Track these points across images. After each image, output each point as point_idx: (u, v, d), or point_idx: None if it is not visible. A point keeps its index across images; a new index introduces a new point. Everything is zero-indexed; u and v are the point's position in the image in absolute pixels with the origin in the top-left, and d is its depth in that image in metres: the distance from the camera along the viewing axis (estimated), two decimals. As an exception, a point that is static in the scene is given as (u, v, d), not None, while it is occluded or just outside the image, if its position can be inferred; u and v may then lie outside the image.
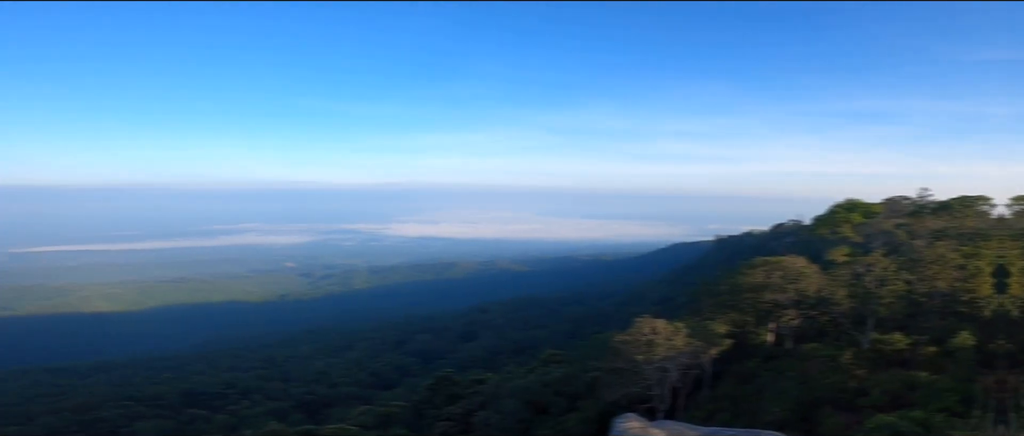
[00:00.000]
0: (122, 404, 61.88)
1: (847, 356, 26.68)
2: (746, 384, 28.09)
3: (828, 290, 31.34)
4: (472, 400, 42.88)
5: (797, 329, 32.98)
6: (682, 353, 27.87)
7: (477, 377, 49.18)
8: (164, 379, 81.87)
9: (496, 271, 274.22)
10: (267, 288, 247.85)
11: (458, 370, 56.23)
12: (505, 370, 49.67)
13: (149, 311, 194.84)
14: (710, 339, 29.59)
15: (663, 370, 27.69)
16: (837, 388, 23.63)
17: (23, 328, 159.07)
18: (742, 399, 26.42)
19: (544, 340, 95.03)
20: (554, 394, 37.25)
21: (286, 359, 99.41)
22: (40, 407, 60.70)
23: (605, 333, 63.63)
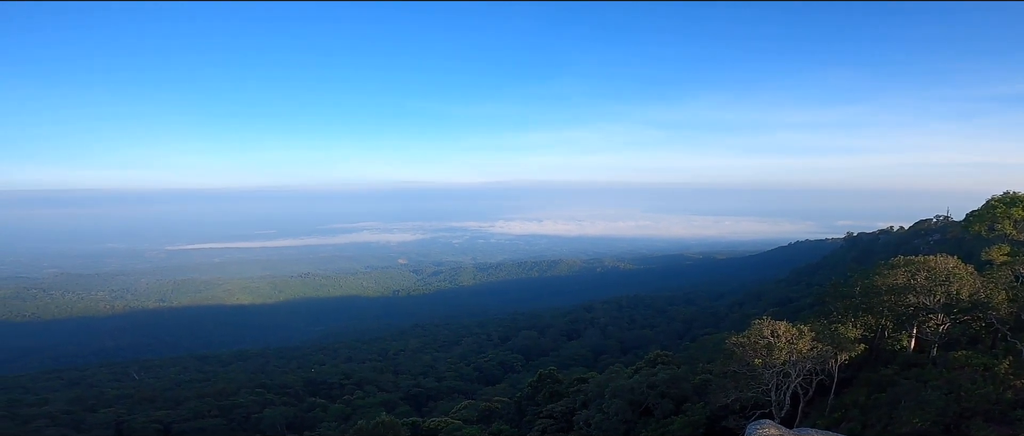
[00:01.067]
0: (255, 391, 67.96)
1: (1004, 365, 23.40)
2: (879, 392, 25.26)
3: (984, 293, 27.12)
4: (574, 398, 41.51)
5: (944, 335, 29.04)
6: (806, 358, 25.18)
7: (580, 376, 47.47)
8: (291, 369, 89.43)
9: (601, 269, 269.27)
10: (381, 284, 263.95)
11: (561, 368, 54.83)
12: (609, 369, 47.49)
13: (280, 304, 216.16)
14: (840, 344, 26.13)
15: (784, 375, 25.33)
16: (991, 399, 21.02)
17: (177, 318, 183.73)
18: (873, 408, 23.91)
19: (650, 340, 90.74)
20: (660, 396, 34.75)
21: (397, 352, 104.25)
22: (189, 392, 68.57)
23: (717, 334, 59.29)
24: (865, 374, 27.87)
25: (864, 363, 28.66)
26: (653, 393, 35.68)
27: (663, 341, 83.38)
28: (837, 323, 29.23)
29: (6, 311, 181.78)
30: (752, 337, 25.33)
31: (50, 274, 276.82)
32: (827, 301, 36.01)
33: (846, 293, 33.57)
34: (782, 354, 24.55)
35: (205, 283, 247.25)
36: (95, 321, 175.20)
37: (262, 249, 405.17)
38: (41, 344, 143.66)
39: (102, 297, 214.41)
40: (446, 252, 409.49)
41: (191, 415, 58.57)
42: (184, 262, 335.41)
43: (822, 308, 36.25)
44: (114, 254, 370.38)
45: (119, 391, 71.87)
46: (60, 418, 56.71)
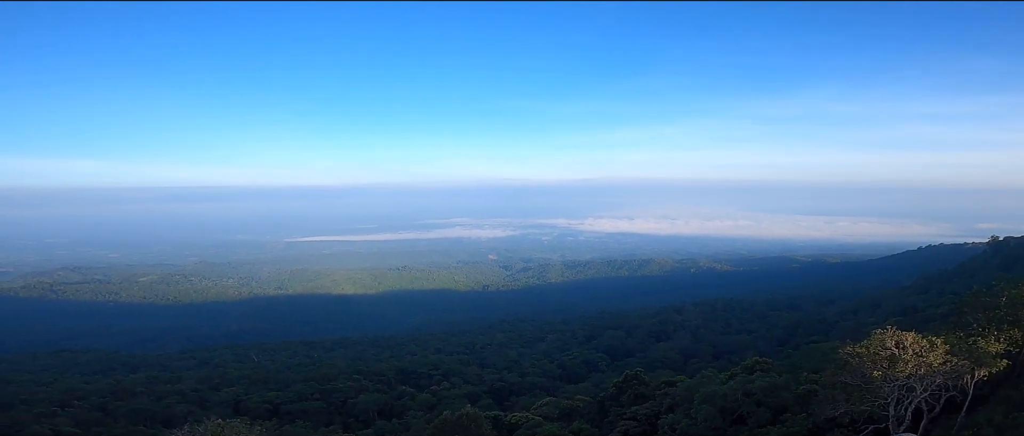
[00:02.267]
0: (353, 378, 72.00)
1: None
2: (1020, 411, 22.57)
3: None
4: (660, 402, 39.64)
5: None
6: (937, 372, 22.84)
7: (668, 378, 45.23)
8: (385, 357, 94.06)
9: (695, 270, 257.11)
10: (471, 278, 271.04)
11: (647, 369, 52.60)
12: (700, 374, 44.80)
13: (379, 295, 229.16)
14: (978, 358, 23.30)
15: (907, 389, 22.99)
16: None
17: (292, 305, 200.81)
18: (1010, 427, 21.51)
19: (748, 346, 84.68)
20: (755, 404, 32.11)
21: (484, 346, 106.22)
22: (295, 376, 74.18)
23: (825, 343, 54.20)
24: (1004, 392, 25.25)
25: (1004, 380, 25.74)
26: (748, 401, 33.19)
27: (761, 348, 77.37)
28: (976, 336, 25.99)
29: (153, 295, 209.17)
30: (872, 347, 23.35)
31: (190, 262, 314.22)
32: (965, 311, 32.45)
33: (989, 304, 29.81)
34: (907, 367, 22.47)
35: (316, 273, 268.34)
36: (224, 306, 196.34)
37: (365, 242, 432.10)
38: (179, 325, 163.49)
39: (231, 284, 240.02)
40: (535, 249, 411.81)
41: (296, 397, 63.30)
42: (299, 253, 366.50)
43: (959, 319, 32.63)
44: (242, 245, 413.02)
45: (240, 372, 79.24)
46: (189, 395, 63.50)
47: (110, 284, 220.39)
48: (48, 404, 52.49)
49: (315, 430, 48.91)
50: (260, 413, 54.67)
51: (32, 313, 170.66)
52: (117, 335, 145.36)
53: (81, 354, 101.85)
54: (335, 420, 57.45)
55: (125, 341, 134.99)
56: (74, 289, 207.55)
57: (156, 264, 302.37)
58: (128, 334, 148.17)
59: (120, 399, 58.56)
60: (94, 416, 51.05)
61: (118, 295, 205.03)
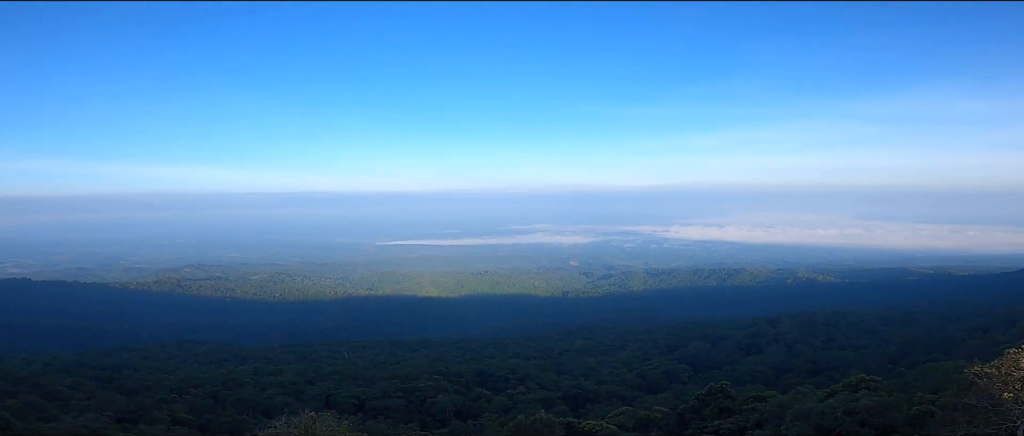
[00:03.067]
0: (433, 377, 73.92)
1: None
2: None
3: None
4: (747, 417, 36.98)
5: None
6: None
7: (756, 393, 42.22)
8: (465, 359, 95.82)
9: (793, 281, 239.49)
10: (552, 284, 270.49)
11: (734, 383, 49.44)
12: (795, 390, 41.37)
13: (461, 298, 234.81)
14: None
15: None
16: None
17: (381, 305, 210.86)
18: None
19: (852, 363, 76.99)
20: (859, 423, 29.06)
21: (562, 352, 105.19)
22: (381, 373, 77.47)
23: (947, 362, 49.10)
24: None
25: None
26: (850, 420, 30.04)
27: (869, 365, 69.86)
28: None
29: (262, 292, 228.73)
30: (1005, 367, 21.22)
31: (294, 263, 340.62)
32: None
33: None
34: (1046, 390, 19.80)
35: (403, 275, 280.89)
36: (322, 304, 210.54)
37: (449, 247, 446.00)
38: (283, 321, 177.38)
39: (328, 284, 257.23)
40: (617, 256, 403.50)
41: (380, 394, 66.05)
42: (389, 256, 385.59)
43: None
44: (339, 247, 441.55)
45: (333, 367, 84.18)
46: (288, 387, 68.31)
47: (227, 281, 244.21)
48: (168, 391, 58.54)
49: (395, 427, 50.61)
50: (347, 407, 57.47)
51: (162, 306, 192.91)
52: (231, 329, 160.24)
53: (200, 345, 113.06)
54: (414, 418, 59.20)
55: (238, 334, 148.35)
56: (198, 285, 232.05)
57: (266, 263, 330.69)
58: (241, 328, 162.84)
59: (229, 389, 64.06)
60: (206, 404, 56.16)
61: (234, 291, 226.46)
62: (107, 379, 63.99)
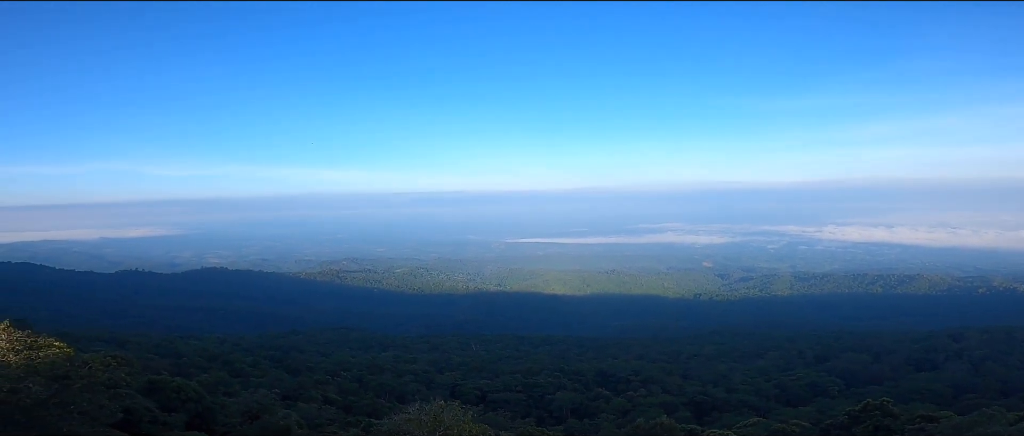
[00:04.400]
0: (553, 374, 75.16)
1: None
2: None
3: None
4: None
5: None
6: None
7: (926, 413, 36.79)
8: (586, 358, 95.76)
9: (986, 290, 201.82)
10: (682, 285, 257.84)
11: (897, 401, 43.58)
12: (978, 412, 35.20)
13: (586, 297, 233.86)
14: None
15: None
16: None
17: (508, 301, 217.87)
18: None
19: (1062, 388, 63.17)
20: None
21: (689, 357, 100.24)
22: (505, 367, 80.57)
23: None
24: None
25: None
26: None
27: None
28: None
29: (404, 285, 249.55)
30: None
31: (432, 258, 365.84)
32: None
33: None
34: None
35: (530, 273, 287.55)
36: (454, 298, 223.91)
37: (575, 245, 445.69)
38: (420, 313, 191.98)
39: (460, 279, 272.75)
40: (758, 257, 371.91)
41: (502, 387, 68.81)
42: (517, 253, 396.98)
43: None
44: (471, 244, 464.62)
45: (461, 359, 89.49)
46: (420, 375, 74.11)
47: (376, 274, 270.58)
48: (324, 373, 66.84)
49: (513, 420, 52.45)
50: (471, 398, 60.80)
51: (324, 295, 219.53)
52: (377, 318, 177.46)
53: (352, 331, 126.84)
54: (532, 413, 60.73)
55: (382, 323, 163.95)
56: (352, 276, 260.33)
57: (408, 258, 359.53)
58: (385, 317, 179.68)
59: (372, 373, 71.24)
60: (352, 386, 63.05)
61: (380, 283, 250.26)
62: (279, 359, 74.86)
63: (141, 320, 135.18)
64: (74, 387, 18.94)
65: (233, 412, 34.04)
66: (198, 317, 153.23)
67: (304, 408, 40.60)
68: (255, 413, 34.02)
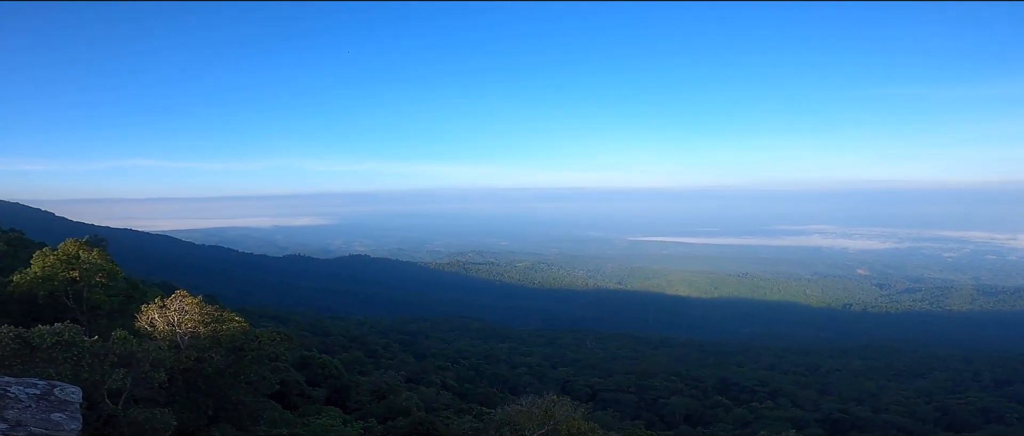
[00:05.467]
0: (669, 378, 73.13)
1: None
2: None
3: None
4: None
5: None
6: None
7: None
8: (708, 363, 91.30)
9: None
10: (829, 294, 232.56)
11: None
12: None
13: (713, 300, 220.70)
14: None
15: None
16: None
17: (628, 300, 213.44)
18: None
19: None
20: None
21: (831, 371, 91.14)
22: (619, 366, 79.88)
23: None
24: None
25: None
26: None
27: None
28: None
29: (525, 279, 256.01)
30: None
31: (552, 253, 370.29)
32: None
33: None
34: None
35: (653, 272, 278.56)
36: (573, 294, 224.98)
37: (704, 245, 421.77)
38: (538, 306, 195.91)
39: (579, 276, 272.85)
40: (930, 266, 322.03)
41: (614, 387, 68.62)
42: (640, 252, 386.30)
43: None
44: (591, 241, 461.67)
45: (575, 355, 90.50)
46: (534, 368, 76.55)
47: (498, 267, 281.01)
48: (445, 359, 71.96)
49: (622, 421, 52.32)
50: (581, 395, 61.59)
51: (450, 285, 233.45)
52: (498, 309, 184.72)
53: (474, 322, 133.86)
54: (642, 415, 59.83)
55: (502, 315, 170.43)
56: (476, 268, 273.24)
57: (530, 253, 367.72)
58: (506, 310, 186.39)
59: (488, 363, 75.20)
60: (469, 375, 67.21)
61: (502, 276, 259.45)
62: (407, 343, 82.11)
63: (300, 299, 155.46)
64: (246, 359, 21.61)
65: (364, 390, 38.54)
66: (344, 299, 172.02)
67: (424, 392, 44.48)
68: (383, 393, 38.22)
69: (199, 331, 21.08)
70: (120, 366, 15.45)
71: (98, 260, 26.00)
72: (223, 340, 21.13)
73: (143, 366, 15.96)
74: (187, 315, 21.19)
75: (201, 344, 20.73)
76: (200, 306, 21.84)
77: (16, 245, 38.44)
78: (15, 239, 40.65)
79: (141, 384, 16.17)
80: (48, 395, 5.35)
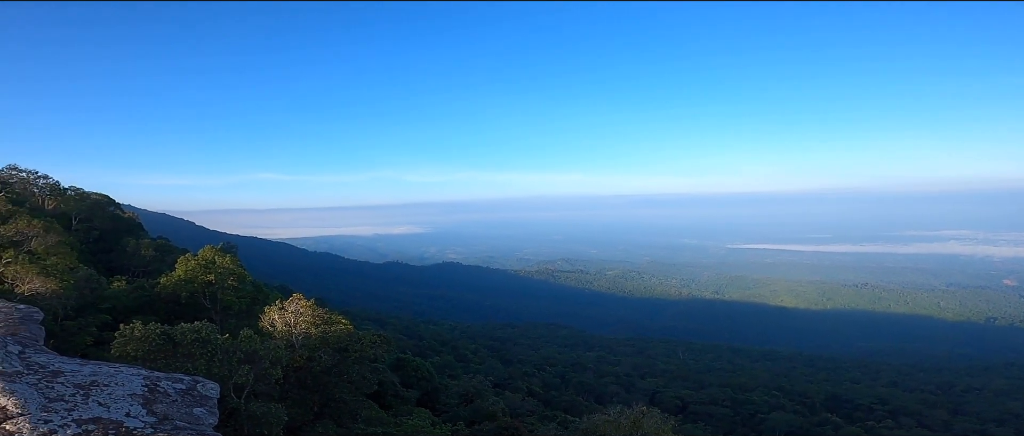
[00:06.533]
0: (771, 393, 68.68)
1: None
2: None
3: None
4: None
5: None
6: None
7: None
8: (817, 378, 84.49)
9: None
10: (968, 306, 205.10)
11: None
12: None
13: (825, 312, 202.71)
14: None
15: None
16: None
17: (725, 310, 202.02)
18: None
19: None
20: None
21: (967, 390, 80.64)
22: (713, 378, 76.09)
23: None
24: None
25: None
26: None
27: None
28: None
29: (614, 286, 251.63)
30: None
31: (643, 261, 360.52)
32: None
33: None
34: None
35: (754, 281, 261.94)
36: (664, 303, 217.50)
37: (814, 253, 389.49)
38: (628, 315, 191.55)
39: (673, 284, 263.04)
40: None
41: (707, 399, 65.65)
42: (740, 260, 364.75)
43: None
44: (686, 248, 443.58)
45: (665, 366, 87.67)
46: (622, 378, 75.16)
47: (588, 275, 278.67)
48: (532, 366, 72.85)
49: (714, 435, 50.23)
50: (670, 407, 59.69)
51: (538, 292, 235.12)
52: (585, 317, 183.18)
53: (561, 329, 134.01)
54: (737, 430, 56.80)
55: (591, 323, 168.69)
56: (565, 276, 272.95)
57: (619, 261, 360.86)
58: (594, 318, 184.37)
59: (575, 372, 75.04)
60: (555, 382, 67.49)
61: (591, 284, 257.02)
62: (495, 349, 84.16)
63: (397, 304, 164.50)
64: (349, 359, 22.77)
65: (453, 393, 40.44)
66: (438, 304, 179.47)
67: (510, 397, 45.64)
68: (470, 397, 39.90)
69: (311, 332, 22.61)
70: (245, 363, 16.89)
71: (230, 265, 29.82)
72: (331, 341, 22.54)
73: (264, 363, 17.32)
74: (302, 317, 22.87)
75: (312, 344, 22.15)
76: (313, 309, 23.41)
77: (163, 250, 45.32)
78: (162, 245, 47.94)
79: (261, 380, 17.63)
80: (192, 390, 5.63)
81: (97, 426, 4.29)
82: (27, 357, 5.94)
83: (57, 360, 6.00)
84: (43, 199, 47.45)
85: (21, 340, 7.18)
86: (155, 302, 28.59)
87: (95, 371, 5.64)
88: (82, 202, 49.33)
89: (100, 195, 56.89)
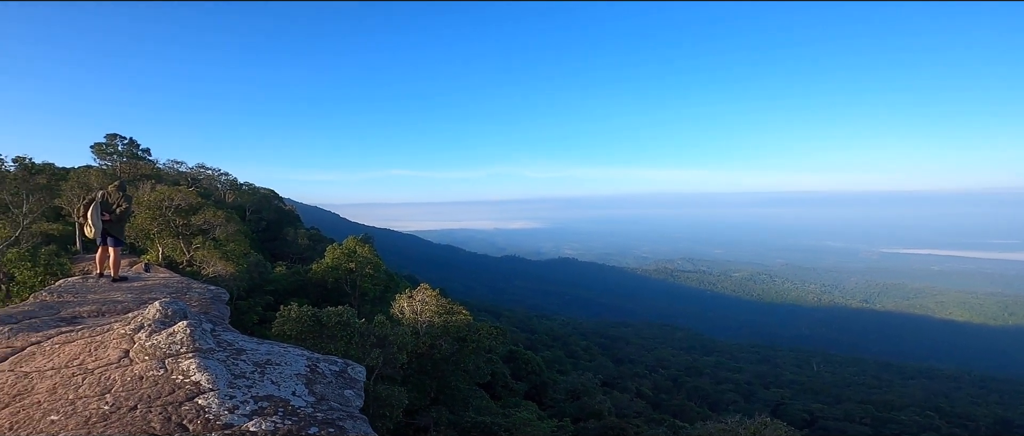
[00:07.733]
0: (925, 413, 60.54)
1: None
2: None
3: None
4: None
5: None
6: None
7: None
8: (986, 402, 72.67)
9: None
10: None
11: None
12: None
13: (1005, 327, 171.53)
14: None
15: None
16: None
17: (874, 320, 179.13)
18: None
19: None
20: None
21: None
22: (852, 393, 68.44)
23: None
24: None
25: None
26: None
27: None
28: None
29: (740, 290, 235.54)
30: None
31: (776, 264, 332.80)
32: None
33: None
34: None
35: (914, 290, 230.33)
36: (799, 310, 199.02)
37: (990, 260, 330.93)
38: (755, 320, 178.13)
39: (811, 289, 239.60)
40: None
41: (841, 416, 59.51)
42: (896, 266, 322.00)
43: None
44: (829, 251, 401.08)
45: (794, 376, 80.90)
46: (742, 386, 70.65)
47: (710, 276, 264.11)
48: (643, 367, 71.46)
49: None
50: (796, 420, 55.39)
51: (655, 291, 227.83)
52: (706, 320, 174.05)
53: (677, 330, 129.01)
54: (875, 454, 51.07)
55: (710, 326, 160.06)
56: (685, 276, 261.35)
57: (748, 262, 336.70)
58: (714, 320, 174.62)
59: (689, 376, 72.32)
60: (666, 385, 65.61)
61: (714, 285, 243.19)
62: (607, 347, 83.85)
63: (513, 297, 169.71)
64: (467, 349, 24.17)
65: (561, 389, 41.56)
66: (551, 300, 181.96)
67: (618, 397, 45.67)
68: (577, 393, 40.75)
69: (434, 320, 24.06)
70: (376, 346, 18.53)
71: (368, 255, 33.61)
72: (451, 330, 23.98)
73: (392, 348, 18.96)
74: (427, 305, 24.54)
75: (435, 332, 23.67)
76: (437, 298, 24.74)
77: (315, 239, 52.17)
78: (314, 235, 55.07)
79: (389, 363, 19.24)
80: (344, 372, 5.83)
81: (269, 403, 4.59)
82: (218, 335, 6.32)
83: (240, 339, 6.55)
84: (224, 193, 56.70)
85: (212, 318, 8.04)
86: (307, 286, 32.92)
87: (269, 350, 6.05)
88: (254, 196, 58.46)
89: (268, 190, 66.97)
